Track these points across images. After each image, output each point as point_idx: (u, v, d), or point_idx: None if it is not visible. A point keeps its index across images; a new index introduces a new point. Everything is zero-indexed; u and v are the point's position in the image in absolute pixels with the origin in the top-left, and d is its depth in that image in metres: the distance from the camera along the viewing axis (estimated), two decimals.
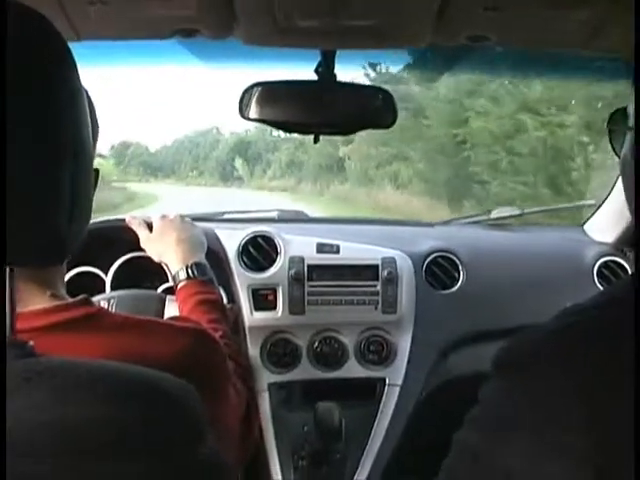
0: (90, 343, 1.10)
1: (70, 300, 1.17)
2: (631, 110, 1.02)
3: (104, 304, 2.04)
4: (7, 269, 0.90)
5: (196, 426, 1.00)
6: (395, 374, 2.55)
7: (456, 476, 0.97)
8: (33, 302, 1.11)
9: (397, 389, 2.54)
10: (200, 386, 1.03)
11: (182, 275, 1.95)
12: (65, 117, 0.98)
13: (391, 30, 1.68)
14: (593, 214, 3.12)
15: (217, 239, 2.54)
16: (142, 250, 2.14)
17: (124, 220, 2.16)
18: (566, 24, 1.64)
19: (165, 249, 2.04)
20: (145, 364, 1.01)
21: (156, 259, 2.07)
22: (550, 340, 0.91)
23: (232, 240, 2.55)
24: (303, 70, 1.90)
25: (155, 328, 1.25)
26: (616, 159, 1.11)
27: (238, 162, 36.32)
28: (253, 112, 1.84)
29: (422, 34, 1.71)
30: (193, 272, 1.95)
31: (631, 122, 1.01)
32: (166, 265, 2.05)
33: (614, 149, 1.14)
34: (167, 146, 47.56)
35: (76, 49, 1.02)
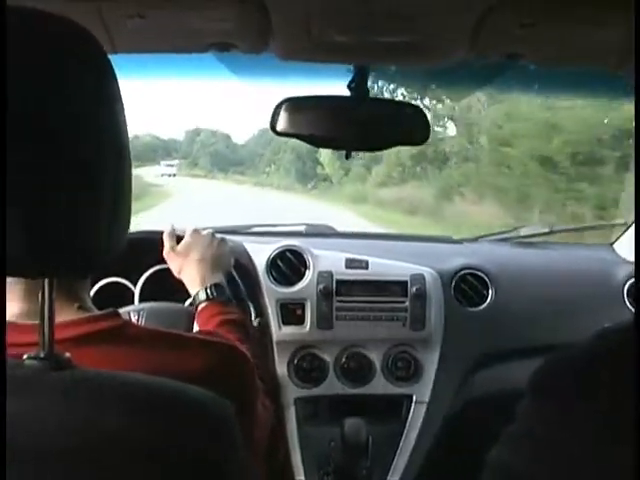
0: (118, 355, 1.10)
1: (98, 312, 1.17)
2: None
3: (133, 316, 2.04)
4: (46, 281, 0.91)
5: (231, 440, 1.00)
6: (422, 391, 2.55)
7: None
8: (60, 314, 1.09)
9: (424, 406, 2.53)
10: (230, 400, 1.03)
11: (202, 296, 1.94)
12: (107, 127, 0.98)
13: (426, 47, 1.68)
14: (623, 233, 3.09)
15: (246, 253, 2.54)
16: None
17: (158, 232, 2.16)
18: (601, 43, 1.64)
19: (186, 266, 2.03)
20: (175, 378, 1.01)
21: (176, 274, 2.06)
22: (589, 362, 0.91)
23: (261, 254, 2.56)
24: (336, 86, 1.90)
25: (184, 342, 1.24)
26: None
27: (324, 155, 25.10)
28: (285, 126, 1.84)
29: (457, 51, 1.70)
30: (212, 293, 1.94)
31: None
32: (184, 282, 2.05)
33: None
34: (255, 136, 44.05)
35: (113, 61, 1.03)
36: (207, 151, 46.27)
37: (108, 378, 0.95)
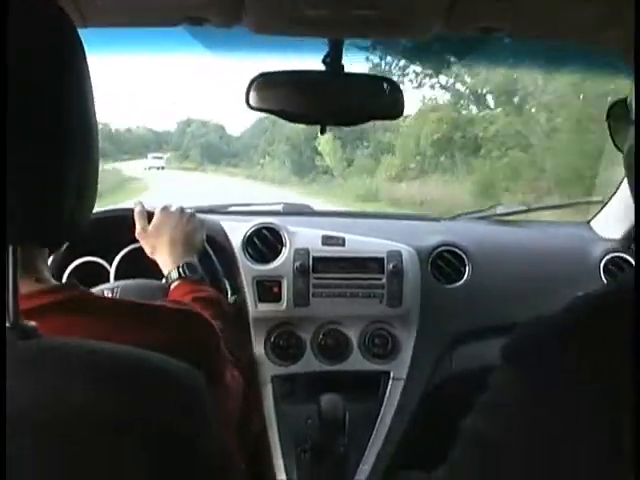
0: (77, 326, 1.09)
1: (56, 284, 1.16)
2: (632, 104, 1.01)
3: (107, 294, 2.03)
4: (10, 248, 0.90)
5: (203, 412, 1.00)
6: (399, 368, 2.55)
7: (465, 463, 0.97)
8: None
9: (401, 383, 2.54)
10: (196, 367, 1.03)
11: (174, 275, 1.95)
12: (75, 103, 0.98)
13: (401, 20, 1.68)
14: (600, 210, 3.11)
15: (222, 231, 2.54)
16: None
17: (130, 210, 2.15)
18: (577, 16, 1.64)
19: (158, 246, 2.03)
20: (139, 346, 1.01)
21: (149, 254, 2.06)
22: (559, 330, 0.91)
23: (237, 232, 2.55)
24: (311, 61, 1.89)
25: (146, 310, 1.23)
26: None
27: (323, 142, 21.98)
28: (259, 101, 1.83)
29: (433, 24, 1.70)
30: (185, 272, 1.95)
31: (633, 115, 1.00)
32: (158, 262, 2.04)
33: (615, 143, 1.13)
34: (251, 127, 41.95)
35: (82, 36, 1.02)
36: (198, 142, 45.05)
37: (75, 347, 0.94)
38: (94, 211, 1.10)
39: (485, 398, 0.96)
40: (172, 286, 1.93)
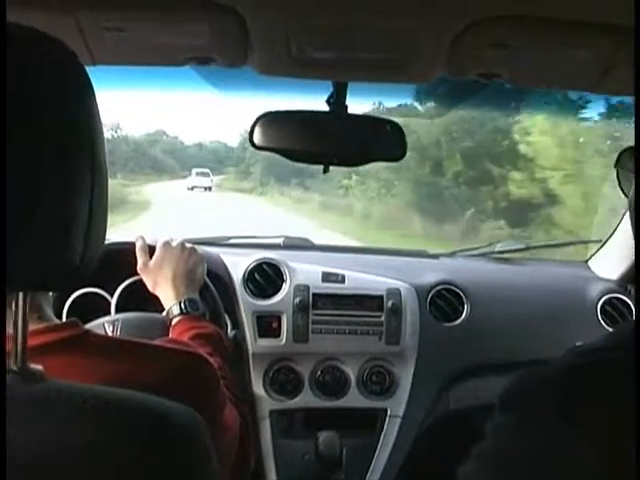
0: (79, 365, 1.10)
1: (58, 322, 1.17)
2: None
3: (108, 326, 2.04)
4: (20, 295, 0.91)
5: (203, 455, 1.00)
6: (397, 405, 2.56)
7: None
8: None
9: (398, 420, 2.55)
10: (196, 409, 1.03)
11: (175, 311, 1.96)
12: (84, 143, 0.98)
13: (403, 64, 1.70)
14: (598, 250, 3.12)
15: (223, 264, 2.55)
16: None
17: (132, 243, 2.16)
18: (575, 64, 1.66)
19: (160, 281, 2.04)
20: (136, 386, 1.01)
21: (150, 289, 2.07)
22: (559, 380, 0.91)
23: (238, 266, 2.57)
24: (315, 101, 1.91)
25: (146, 350, 1.24)
26: (621, 196, 1.11)
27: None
28: (263, 141, 1.85)
29: (433, 69, 1.72)
30: (186, 308, 1.96)
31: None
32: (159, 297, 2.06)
33: (622, 188, 1.14)
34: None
35: (91, 73, 1.03)
36: (262, 156, 39.29)
37: (78, 391, 0.95)
38: None
39: (484, 445, 0.95)
40: (173, 322, 1.94)
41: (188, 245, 2.14)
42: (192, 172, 32.17)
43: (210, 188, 31.80)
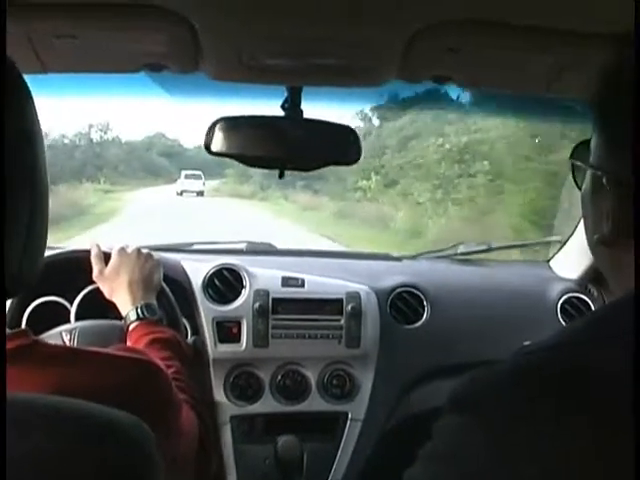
0: (27, 375, 1.08)
1: (5, 332, 1.15)
2: (593, 148, 1.03)
3: (66, 335, 2.03)
4: None
5: (148, 463, 1.00)
6: (358, 408, 2.57)
7: None
8: None
9: (359, 423, 2.55)
10: (146, 416, 1.03)
11: (132, 316, 1.96)
12: (21, 148, 0.98)
13: (356, 69, 1.70)
14: (558, 250, 3.14)
15: (183, 271, 2.55)
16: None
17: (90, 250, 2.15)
18: (528, 68, 1.67)
19: (116, 288, 2.04)
20: (87, 396, 1.01)
21: (107, 296, 2.07)
22: (504, 379, 0.92)
23: (198, 272, 2.56)
24: (270, 106, 1.91)
25: (96, 359, 1.23)
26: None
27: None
28: (218, 146, 1.85)
29: (387, 73, 1.73)
30: (143, 313, 1.95)
31: (592, 159, 1.02)
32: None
33: (576, 183, 1.15)
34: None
35: (42, 80, 1.03)
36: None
37: (29, 401, 0.94)
38: (54, 252, 1.10)
39: (428, 448, 0.95)
40: (130, 327, 1.94)
41: (144, 251, 2.13)
42: (181, 174, 30.32)
43: (202, 193, 29.65)
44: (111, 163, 32.76)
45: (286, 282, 2.56)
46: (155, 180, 32.34)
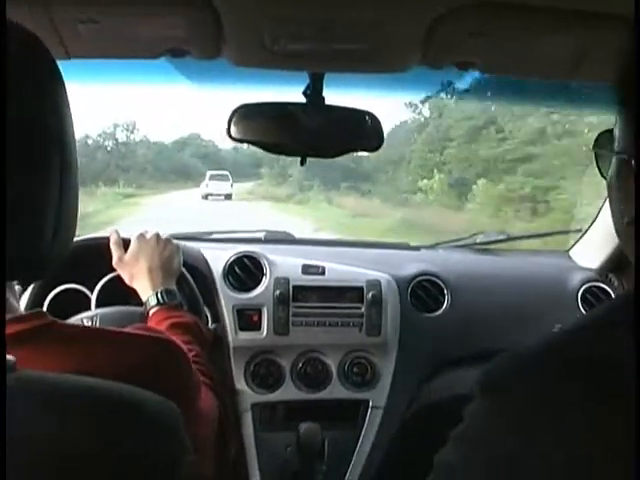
0: (47, 354, 1.09)
1: (23, 313, 1.15)
2: (617, 133, 1.02)
3: (87, 322, 2.04)
4: None
5: (178, 444, 1.00)
6: (378, 396, 2.57)
7: None
8: None
9: (380, 411, 2.55)
10: (167, 395, 1.04)
11: (153, 301, 1.96)
12: (53, 133, 0.98)
13: (378, 54, 1.70)
14: (579, 240, 3.13)
15: (203, 259, 2.55)
16: None
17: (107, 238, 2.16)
18: (550, 52, 1.67)
19: (136, 274, 2.05)
20: (106, 375, 1.01)
21: (127, 282, 2.07)
22: (532, 363, 0.92)
23: (218, 260, 2.57)
24: (292, 92, 1.91)
25: (115, 338, 1.23)
26: (603, 183, 1.11)
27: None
28: (240, 133, 1.86)
29: (409, 59, 1.73)
30: (163, 298, 1.96)
31: (617, 146, 1.02)
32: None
33: (601, 172, 1.14)
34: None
35: (65, 67, 1.03)
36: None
37: (50, 381, 0.95)
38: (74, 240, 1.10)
39: (459, 430, 0.95)
40: (150, 312, 1.94)
41: (163, 236, 2.14)
42: (206, 175, 26.30)
43: (229, 196, 25.73)
44: (137, 165, 31.47)
45: (306, 270, 2.56)
46: (184, 183, 29.79)
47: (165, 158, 33.03)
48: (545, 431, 0.84)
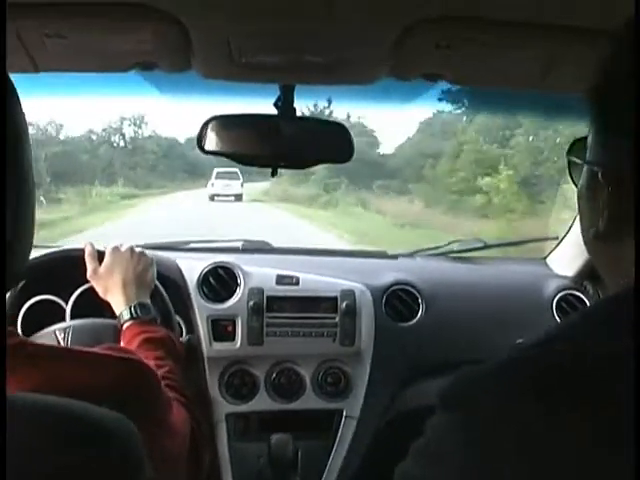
0: (16, 374, 1.08)
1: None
2: (589, 141, 1.03)
3: (60, 334, 2.04)
4: None
5: (134, 464, 1.00)
6: (352, 406, 2.57)
7: None
8: None
9: (354, 421, 2.56)
10: (136, 416, 1.03)
11: (126, 316, 1.97)
12: (10, 145, 0.98)
13: (347, 67, 1.71)
14: (555, 247, 3.14)
15: (178, 269, 2.55)
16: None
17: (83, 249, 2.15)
18: (516, 63, 1.68)
19: (110, 288, 2.05)
20: (73, 394, 1.01)
21: (102, 295, 2.08)
22: (492, 377, 0.91)
23: (193, 271, 2.57)
24: (264, 104, 1.91)
25: (82, 357, 1.24)
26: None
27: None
28: (211, 144, 1.86)
29: (377, 71, 1.74)
30: (137, 312, 1.97)
31: (588, 155, 1.02)
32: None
33: (573, 181, 1.15)
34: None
35: (36, 80, 1.03)
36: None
37: (10, 400, 0.95)
38: (49, 251, 1.10)
39: (420, 443, 0.95)
40: (124, 327, 1.95)
41: (137, 250, 2.14)
42: (213, 173, 22.65)
43: (240, 197, 22.76)
44: (144, 163, 29.83)
45: (281, 280, 2.57)
46: (195, 182, 26.67)
47: (177, 156, 30.83)
48: (508, 445, 0.84)
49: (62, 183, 21.25)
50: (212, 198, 22.44)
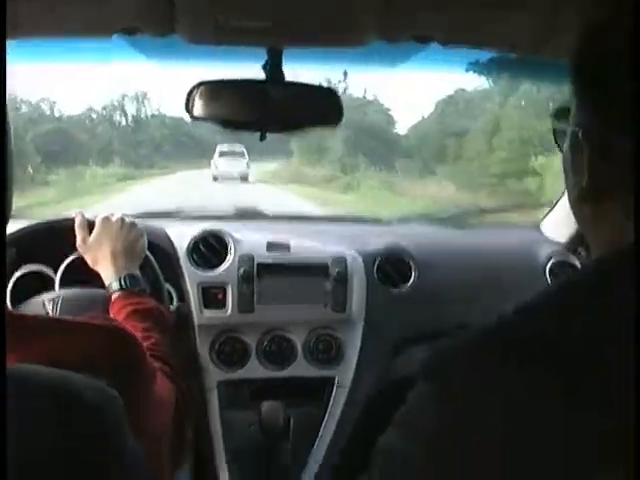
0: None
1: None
2: (572, 105, 1.02)
3: (48, 303, 2.04)
4: None
5: (117, 433, 1.00)
6: (344, 374, 2.57)
7: (386, 478, 0.96)
8: None
9: (346, 389, 2.57)
10: (120, 384, 1.04)
11: (115, 287, 1.96)
12: None
13: (335, 29, 1.68)
14: (548, 212, 3.13)
15: (167, 237, 2.53)
16: None
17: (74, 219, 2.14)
18: (511, 28, 1.65)
19: (100, 258, 2.04)
20: (60, 365, 1.01)
21: (91, 265, 2.07)
22: (470, 348, 0.91)
23: (183, 238, 2.55)
24: (252, 69, 1.89)
25: (64, 327, 1.23)
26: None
27: None
28: (199, 110, 1.83)
29: (367, 33, 1.71)
30: (126, 284, 1.95)
31: (572, 120, 1.02)
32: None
33: (559, 146, 1.15)
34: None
35: (15, 47, 1.02)
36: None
37: None
38: (40, 220, 1.09)
39: (400, 413, 0.94)
40: (112, 298, 1.94)
41: (127, 220, 2.12)
42: (216, 150, 21.14)
43: (246, 177, 20.93)
44: (148, 142, 29.24)
45: (271, 247, 2.55)
46: (199, 161, 24.71)
47: (184, 133, 29.61)
48: (494, 415, 0.83)
49: (54, 164, 20.81)
50: (215, 179, 20.85)
